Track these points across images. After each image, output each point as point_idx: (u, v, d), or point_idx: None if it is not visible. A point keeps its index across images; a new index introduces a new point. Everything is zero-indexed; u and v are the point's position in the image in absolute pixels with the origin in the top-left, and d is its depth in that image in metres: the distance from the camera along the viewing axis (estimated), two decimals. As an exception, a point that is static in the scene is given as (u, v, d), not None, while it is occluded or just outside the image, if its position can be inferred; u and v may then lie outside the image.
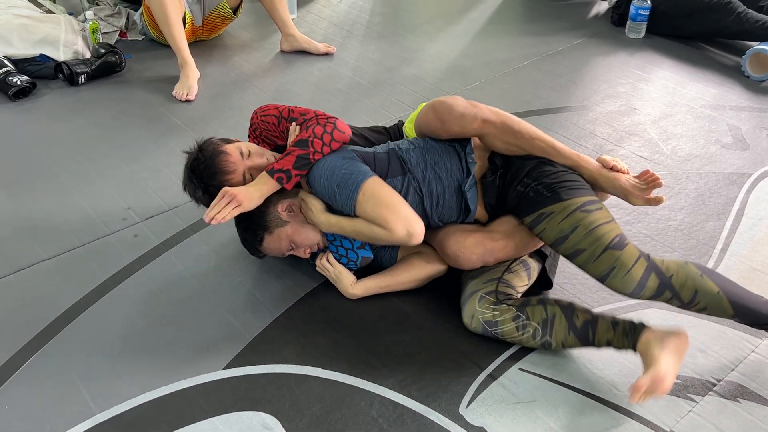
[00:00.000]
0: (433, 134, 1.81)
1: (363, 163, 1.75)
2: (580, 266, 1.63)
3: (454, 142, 1.82)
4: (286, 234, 1.78)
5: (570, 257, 1.64)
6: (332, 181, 1.71)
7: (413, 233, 1.66)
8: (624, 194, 1.75)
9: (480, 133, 1.74)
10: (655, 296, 1.59)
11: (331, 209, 1.77)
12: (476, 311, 1.68)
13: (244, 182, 1.79)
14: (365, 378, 1.63)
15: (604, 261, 1.58)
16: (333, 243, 1.83)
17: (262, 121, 1.96)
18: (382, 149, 1.84)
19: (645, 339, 1.56)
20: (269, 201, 1.78)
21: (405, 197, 1.74)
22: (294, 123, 1.86)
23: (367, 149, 1.84)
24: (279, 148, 1.98)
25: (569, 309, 1.64)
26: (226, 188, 1.72)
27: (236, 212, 1.70)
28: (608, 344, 1.61)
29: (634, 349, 1.57)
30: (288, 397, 1.57)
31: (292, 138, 1.83)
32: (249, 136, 2.06)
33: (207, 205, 1.79)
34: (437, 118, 1.75)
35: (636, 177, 1.77)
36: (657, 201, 1.73)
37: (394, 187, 1.74)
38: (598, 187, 1.78)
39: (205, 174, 1.78)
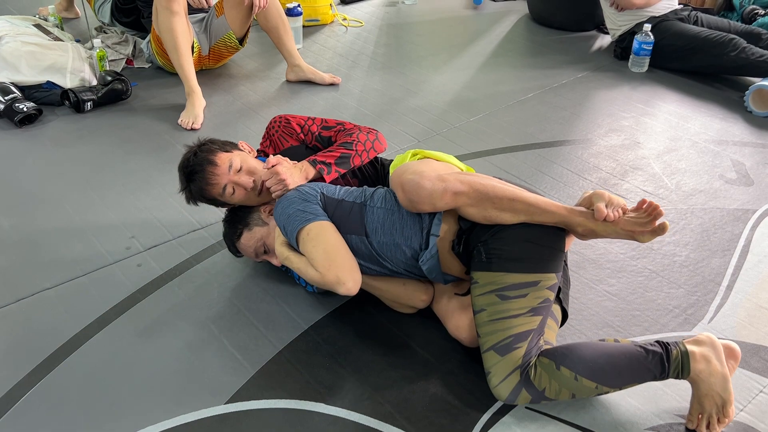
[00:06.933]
0: (406, 209, 1.72)
1: (321, 208, 1.75)
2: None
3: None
4: (262, 234, 1.89)
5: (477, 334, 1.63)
6: (286, 213, 1.75)
7: (342, 281, 1.63)
8: (630, 237, 1.64)
9: (454, 206, 1.64)
10: (532, 403, 1.58)
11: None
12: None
13: (223, 194, 1.87)
14: (369, 414, 1.61)
15: (486, 359, 1.57)
16: None
17: (286, 120, 2.02)
18: (350, 198, 1.80)
19: (697, 370, 1.52)
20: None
21: (356, 252, 1.73)
22: (270, 156, 1.91)
23: (335, 195, 1.79)
24: (286, 152, 2.03)
25: None
26: (275, 167, 1.84)
27: (281, 190, 1.84)
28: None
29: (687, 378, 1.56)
30: (290, 434, 1.55)
31: (271, 161, 1.86)
32: (262, 139, 2.10)
33: (192, 202, 1.95)
34: (407, 199, 1.65)
35: (633, 210, 1.65)
36: (663, 229, 1.60)
37: (349, 244, 1.72)
38: (598, 236, 1.68)
39: (190, 177, 1.89)
